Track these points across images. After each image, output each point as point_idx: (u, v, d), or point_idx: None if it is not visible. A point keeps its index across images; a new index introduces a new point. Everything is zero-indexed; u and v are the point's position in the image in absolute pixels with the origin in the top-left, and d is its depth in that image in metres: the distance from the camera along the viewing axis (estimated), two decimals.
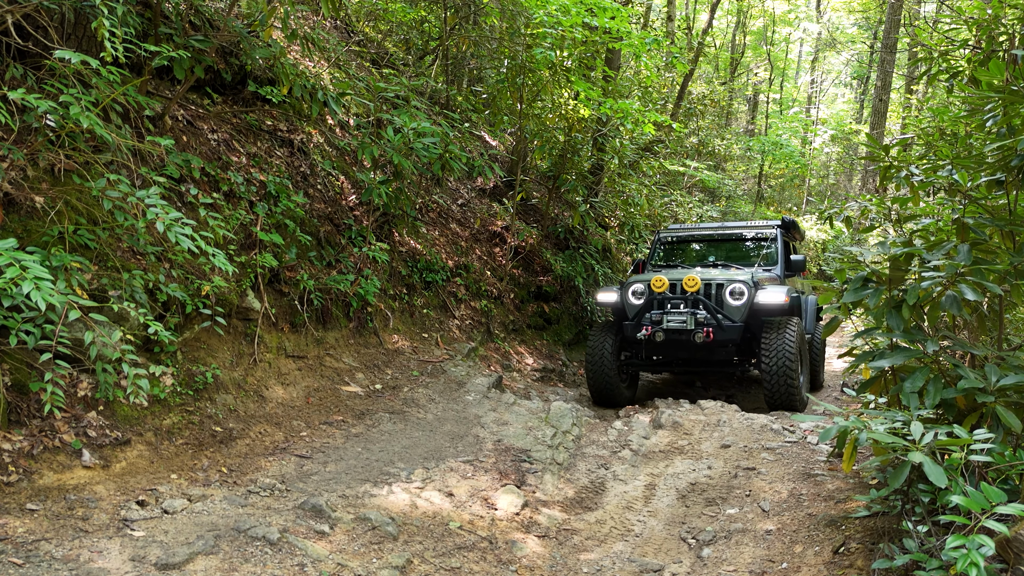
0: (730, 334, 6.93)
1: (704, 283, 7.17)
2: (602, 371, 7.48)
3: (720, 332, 6.91)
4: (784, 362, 6.67)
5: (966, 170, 3.69)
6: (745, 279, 7.11)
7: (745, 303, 7.02)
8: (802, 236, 9.70)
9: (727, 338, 6.94)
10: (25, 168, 4.02)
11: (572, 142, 9.91)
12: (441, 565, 3.44)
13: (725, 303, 7.06)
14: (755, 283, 7.14)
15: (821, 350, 9.05)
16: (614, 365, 7.50)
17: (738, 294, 7.05)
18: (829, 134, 24.59)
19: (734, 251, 8.59)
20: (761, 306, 7.03)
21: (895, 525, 3.33)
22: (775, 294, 7.04)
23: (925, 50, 6.99)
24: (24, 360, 3.70)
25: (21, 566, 2.80)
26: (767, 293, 7.07)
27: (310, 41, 5.98)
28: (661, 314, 7.05)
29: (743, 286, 7.06)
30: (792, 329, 6.87)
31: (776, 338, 6.83)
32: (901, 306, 3.45)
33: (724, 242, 8.77)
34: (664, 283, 7.12)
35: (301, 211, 6.06)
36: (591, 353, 7.54)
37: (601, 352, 7.46)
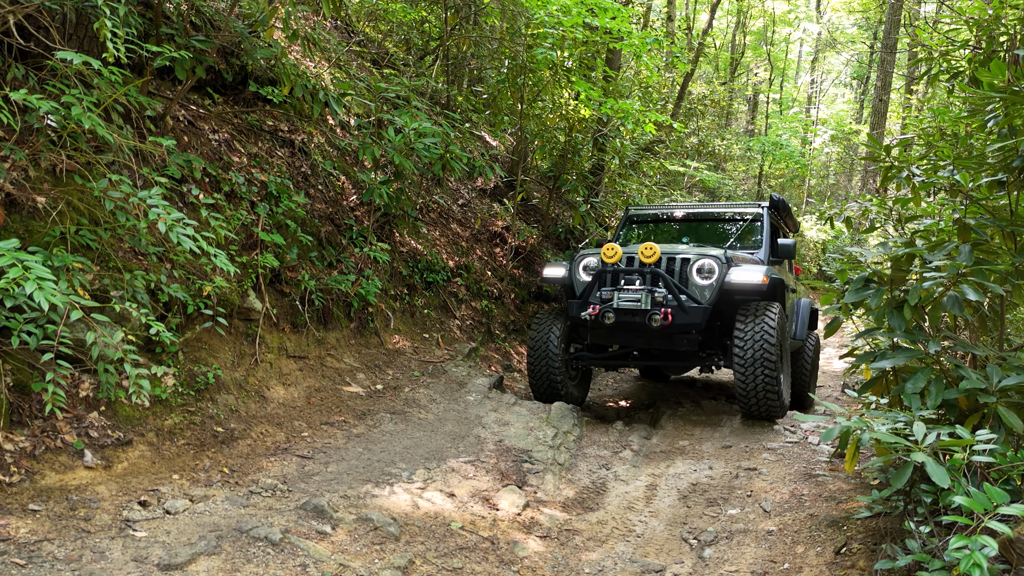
0: (693, 317, 5.78)
1: (666, 257, 6.05)
2: (545, 365, 6.43)
3: (681, 315, 5.75)
4: (761, 354, 5.55)
5: (967, 170, 3.69)
6: (716, 254, 5.99)
7: (714, 282, 5.89)
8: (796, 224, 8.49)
9: (690, 322, 5.79)
10: (27, 168, 4.02)
11: (573, 142, 9.91)
12: (443, 566, 3.44)
13: (691, 281, 5.96)
14: (728, 260, 6.00)
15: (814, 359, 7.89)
16: (560, 358, 6.47)
17: (707, 271, 5.93)
18: (829, 134, 24.60)
19: (714, 232, 7.42)
20: (734, 286, 5.89)
21: (897, 526, 3.33)
22: (751, 273, 5.90)
23: (925, 50, 6.99)
24: (26, 360, 3.70)
25: (23, 567, 2.80)
26: (741, 272, 5.93)
27: (311, 41, 5.98)
28: (612, 291, 5.93)
29: (713, 262, 5.93)
30: (771, 315, 5.75)
31: (752, 326, 5.72)
32: (902, 306, 3.45)
33: (703, 222, 7.60)
34: (617, 252, 5.97)
35: (302, 211, 6.06)
36: (533, 343, 6.49)
37: (545, 342, 6.43)
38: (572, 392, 6.72)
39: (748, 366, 5.59)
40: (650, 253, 5.89)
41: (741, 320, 5.81)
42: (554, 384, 6.47)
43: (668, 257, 6.04)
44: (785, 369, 6.09)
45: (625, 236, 7.73)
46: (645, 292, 5.80)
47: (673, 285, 5.82)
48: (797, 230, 8.46)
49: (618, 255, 5.98)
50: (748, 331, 5.68)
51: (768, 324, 5.68)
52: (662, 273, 5.85)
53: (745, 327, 5.73)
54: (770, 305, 5.92)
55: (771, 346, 5.55)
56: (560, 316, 6.61)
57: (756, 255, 6.77)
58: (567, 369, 6.68)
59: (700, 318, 5.80)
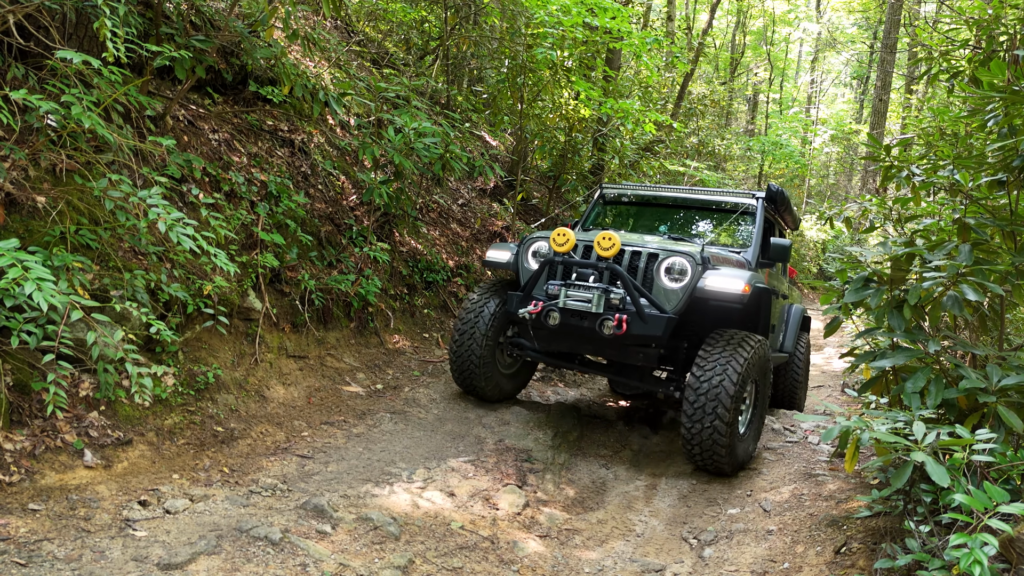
0: (653, 328, 4.71)
1: (630, 250, 5.04)
2: (470, 349, 5.46)
3: (638, 323, 4.71)
4: (714, 407, 4.51)
5: (967, 170, 3.70)
6: (690, 252, 4.94)
7: (685, 287, 4.83)
8: (796, 220, 7.40)
9: (648, 334, 4.73)
10: (27, 168, 4.02)
11: (573, 142, 9.91)
12: (443, 565, 3.44)
13: (656, 283, 4.92)
14: (703, 260, 4.91)
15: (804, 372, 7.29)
16: (488, 343, 5.47)
17: (677, 272, 4.89)
18: (829, 134, 24.61)
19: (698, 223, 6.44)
20: (707, 294, 4.76)
21: (897, 525, 3.33)
22: (729, 279, 4.75)
23: (925, 50, 7.00)
24: (26, 360, 3.70)
25: (24, 566, 2.80)
26: (718, 277, 4.79)
27: (311, 41, 5.98)
28: (561, 286, 4.93)
29: (685, 262, 4.88)
30: (744, 353, 4.67)
31: (716, 365, 4.62)
32: (902, 306, 3.46)
33: (687, 210, 6.52)
34: (569, 239, 4.94)
35: (302, 211, 6.06)
36: (460, 322, 5.54)
37: (474, 322, 5.48)
38: (500, 384, 5.76)
39: (697, 412, 4.56)
40: (608, 245, 4.82)
41: (706, 351, 4.75)
42: (475, 372, 5.53)
43: (632, 251, 5.03)
44: (753, 410, 5.07)
45: (595, 219, 6.68)
46: (599, 292, 4.79)
47: (632, 286, 4.79)
48: (797, 227, 7.58)
49: (570, 242, 4.94)
50: (709, 370, 4.61)
51: (735, 366, 4.57)
52: (620, 271, 4.81)
53: (707, 363, 4.65)
54: (749, 339, 4.83)
55: (729, 397, 4.49)
56: (497, 293, 5.68)
57: (743, 255, 5.72)
58: (498, 356, 5.73)
59: (661, 330, 4.74)
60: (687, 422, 4.59)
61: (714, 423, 4.49)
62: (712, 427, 4.50)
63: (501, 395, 5.86)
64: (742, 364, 4.60)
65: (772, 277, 6.29)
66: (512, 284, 5.86)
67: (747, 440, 4.91)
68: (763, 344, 4.92)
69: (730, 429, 4.53)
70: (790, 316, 6.98)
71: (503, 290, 5.73)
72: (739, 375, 4.55)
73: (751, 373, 4.72)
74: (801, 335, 7.31)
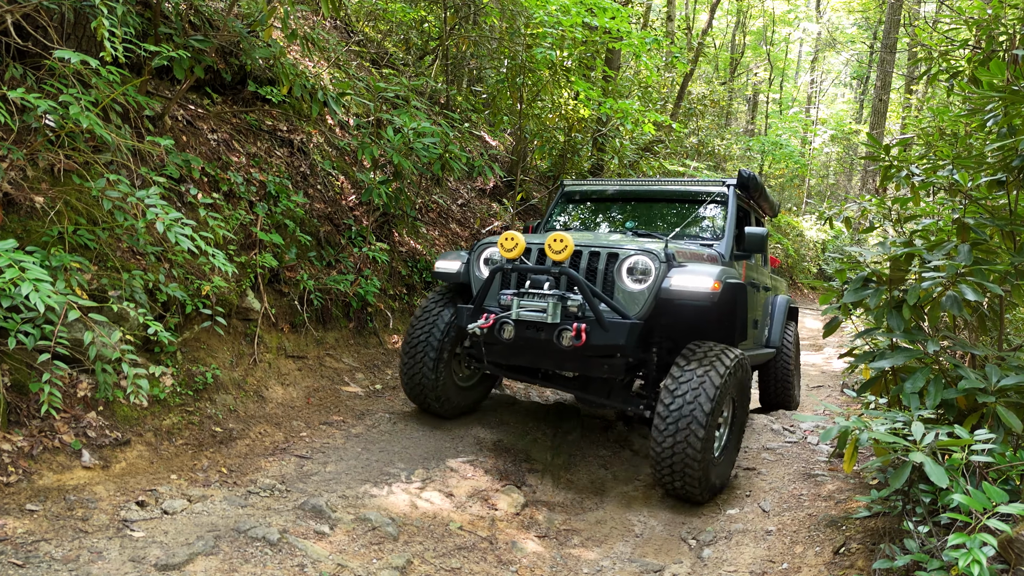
0: (616, 336, 4.28)
1: (588, 251, 4.58)
2: (421, 364, 5.06)
3: (599, 332, 4.28)
4: (686, 433, 4.11)
5: (966, 170, 3.69)
6: (653, 249, 4.49)
7: (648, 288, 4.39)
8: (773, 206, 6.92)
9: (611, 343, 4.29)
10: (25, 168, 4.02)
11: (572, 142, 9.91)
12: (441, 565, 3.44)
13: (618, 286, 4.47)
14: (667, 257, 4.47)
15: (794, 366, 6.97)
16: (444, 356, 5.07)
17: (640, 273, 4.45)
18: (829, 134, 24.62)
19: (668, 216, 5.89)
20: (673, 294, 4.35)
21: (896, 525, 3.32)
22: (696, 277, 4.35)
23: (925, 50, 6.99)
24: (24, 360, 3.69)
25: (21, 567, 2.80)
26: (684, 275, 4.38)
27: (310, 41, 5.98)
28: (513, 296, 4.50)
29: (648, 260, 4.44)
30: (723, 366, 4.30)
31: (688, 383, 4.22)
32: (901, 306, 3.45)
33: (654, 203, 6.04)
34: (518, 243, 4.47)
35: (301, 211, 6.05)
36: (410, 334, 5.13)
37: (426, 334, 5.07)
38: (456, 399, 5.33)
39: (668, 433, 4.16)
40: (560, 247, 4.36)
41: (679, 367, 4.34)
42: (425, 388, 5.11)
43: (590, 251, 4.58)
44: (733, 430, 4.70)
45: (557, 218, 6.33)
46: (554, 300, 4.34)
47: (589, 291, 4.32)
48: (776, 214, 7.14)
49: (520, 247, 4.48)
50: (683, 388, 4.21)
51: (710, 384, 4.18)
52: (573, 275, 4.35)
53: (680, 380, 4.25)
54: (726, 354, 4.42)
55: (704, 416, 4.10)
56: (451, 303, 5.29)
57: (715, 248, 5.34)
58: (455, 367, 5.31)
59: (624, 337, 4.27)
60: (656, 444, 4.19)
61: (686, 446, 4.10)
62: (684, 450, 4.11)
63: (459, 410, 5.42)
64: (719, 382, 4.20)
65: (750, 269, 5.95)
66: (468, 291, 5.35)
67: (722, 464, 4.53)
68: (742, 359, 4.51)
69: (704, 453, 4.13)
70: (775, 308, 6.66)
71: (459, 297, 5.35)
72: (715, 393, 4.15)
73: (728, 391, 4.35)
74: (788, 326, 7.00)
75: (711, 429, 4.16)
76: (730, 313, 4.92)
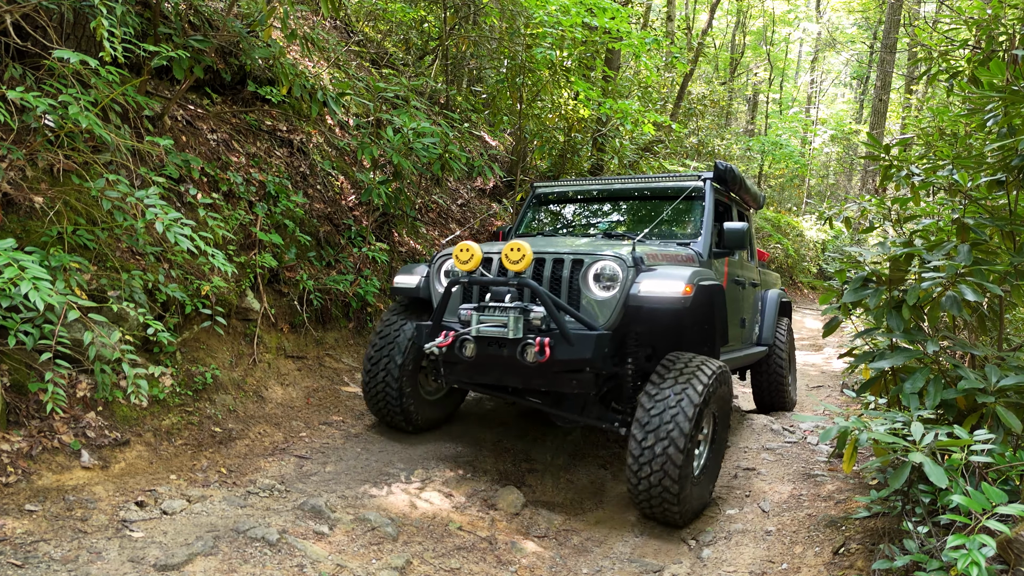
0: (582, 350, 3.97)
1: (551, 258, 4.28)
2: (385, 381, 4.83)
3: (564, 347, 3.97)
4: (664, 455, 3.82)
5: (966, 170, 3.69)
6: (619, 253, 4.19)
7: (616, 295, 4.11)
8: (757, 198, 6.54)
9: (577, 357, 3.98)
10: (24, 168, 4.02)
11: (572, 142, 9.91)
12: (441, 566, 3.44)
13: (584, 295, 4.18)
14: (636, 261, 4.19)
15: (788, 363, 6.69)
16: (408, 371, 4.83)
17: (608, 279, 4.17)
18: (829, 134, 24.62)
19: (642, 216, 5.60)
20: (642, 301, 4.04)
21: (895, 526, 3.32)
22: (666, 282, 4.05)
23: (925, 50, 6.99)
24: (23, 360, 3.69)
25: (20, 567, 2.80)
26: (653, 280, 4.08)
27: (310, 41, 5.98)
28: (473, 310, 4.18)
29: (614, 265, 4.15)
30: (703, 380, 4.02)
31: (665, 400, 3.94)
32: (901, 306, 3.45)
33: (628, 201, 5.79)
34: (473, 254, 4.16)
35: (300, 211, 6.05)
36: (372, 348, 4.91)
37: (388, 348, 4.84)
38: (424, 414, 5.05)
39: (645, 454, 3.88)
40: (517, 257, 4.03)
41: (656, 382, 4.07)
42: (390, 405, 4.87)
43: (554, 258, 4.28)
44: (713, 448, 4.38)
45: (530, 222, 6.01)
46: (515, 313, 4.02)
47: (550, 302, 3.98)
48: (760, 205, 6.78)
49: (476, 258, 4.17)
50: (660, 405, 3.93)
51: (690, 400, 3.90)
52: (533, 285, 4.01)
53: (657, 396, 3.98)
54: (706, 366, 4.13)
55: (683, 437, 3.81)
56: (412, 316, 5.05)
57: (693, 246, 5.07)
58: (421, 380, 5.04)
59: (591, 351, 3.96)
60: (633, 463, 3.92)
61: (663, 471, 3.82)
62: (661, 474, 3.83)
63: (427, 425, 5.14)
64: (697, 399, 3.91)
65: (734, 266, 5.70)
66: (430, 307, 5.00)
67: (702, 484, 4.23)
68: (723, 372, 4.25)
69: (682, 476, 3.84)
70: (765, 304, 6.42)
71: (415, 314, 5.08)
72: (694, 412, 3.86)
73: (709, 406, 4.08)
74: (781, 322, 6.76)
75: (690, 451, 3.88)
76: (708, 317, 4.65)
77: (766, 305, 6.50)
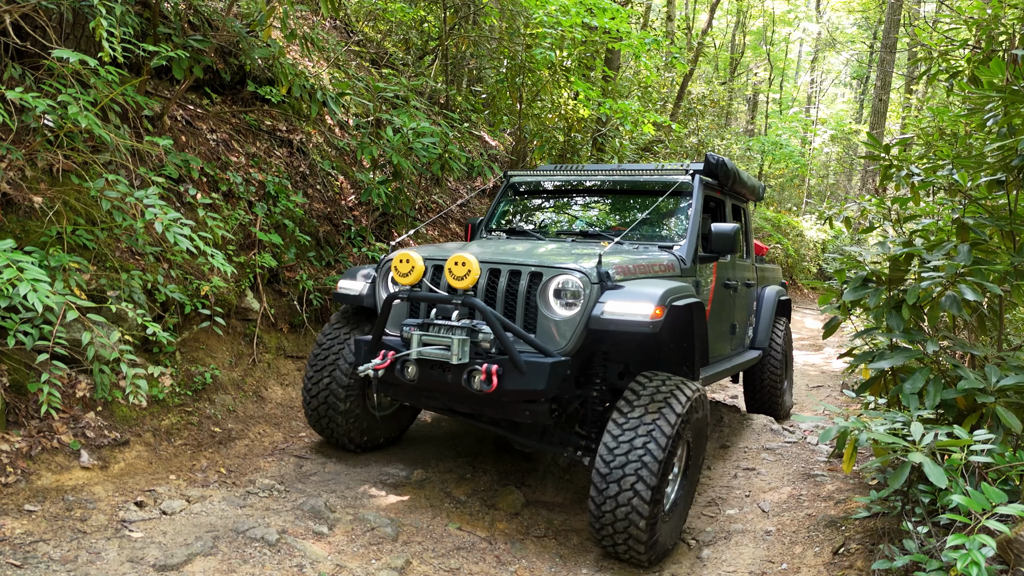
0: (534, 380, 3.46)
1: (507, 270, 3.77)
2: (326, 397, 4.37)
3: (514, 376, 3.46)
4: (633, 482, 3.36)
5: (966, 170, 3.69)
6: (581, 268, 3.65)
7: (577, 316, 3.60)
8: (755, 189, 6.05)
9: (529, 388, 3.48)
10: (23, 168, 4.02)
11: (572, 142, 9.91)
12: (440, 566, 3.43)
13: (542, 313, 3.65)
14: (601, 277, 3.64)
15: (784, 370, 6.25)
16: (353, 386, 4.35)
17: (570, 296, 3.65)
18: (829, 134, 24.62)
19: (625, 211, 5.08)
20: (604, 323, 3.52)
21: (895, 526, 3.32)
22: (632, 303, 3.52)
23: (925, 50, 6.98)
24: (22, 361, 3.69)
25: (19, 567, 2.80)
26: (618, 300, 3.55)
27: (309, 41, 5.97)
28: (416, 328, 3.62)
29: (576, 280, 3.63)
30: (678, 406, 3.54)
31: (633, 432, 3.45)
32: (901, 306, 3.45)
33: (611, 195, 5.23)
34: (414, 267, 3.65)
35: (300, 211, 6.05)
36: (313, 361, 4.44)
37: (332, 361, 4.38)
38: (372, 430, 4.61)
39: (611, 489, 3.40)
40: (462, 272, 3.52)
41: (622, 412, 3.56)
42: (333, 422, 4.41)
43: (510, 270, 3.75)
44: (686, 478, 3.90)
45: (502, 216, 5.43)
46: (461, 335, 3.51)
47: (499, 325, 3.48)
48: (760, 197, 6.26)
49: (416, 271, 3.65)
50: (626, 437, 3.44)
51: (662, 431, 3.43)
52: (479, 305, 3.50)
53: (624, 428, 3.48)
54: (682, 389, 3.65)
55: (655, 468, 3.35)
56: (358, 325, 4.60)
57: (676, 251, 4.55)
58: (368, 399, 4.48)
59: (544, 382, 3.45)
60: (596, 496, 3.44)
61: (630, 508, 3.35)
62: (628, 512, 3.36)
63: (376, 442, 4.69)
64: (670, 431, 3.43)
65: (725, 268, 5.23)
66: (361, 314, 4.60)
67: (673, 520, 3.75)
68: (700, 397, 3.77)
69: (651, 516, 3.37)
70: (762, 303, 5.94)
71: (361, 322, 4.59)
72: (666, 444, 3.40)
73: (683, 434, 3.60)
74: (778, 323, 6.26)
75: (661, 487, 3.41)
76: (687, 333, 4.12)
77: (762, 304, 6.09)
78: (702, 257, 4.76)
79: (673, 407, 3.53)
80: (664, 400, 3.56)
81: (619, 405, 3.62)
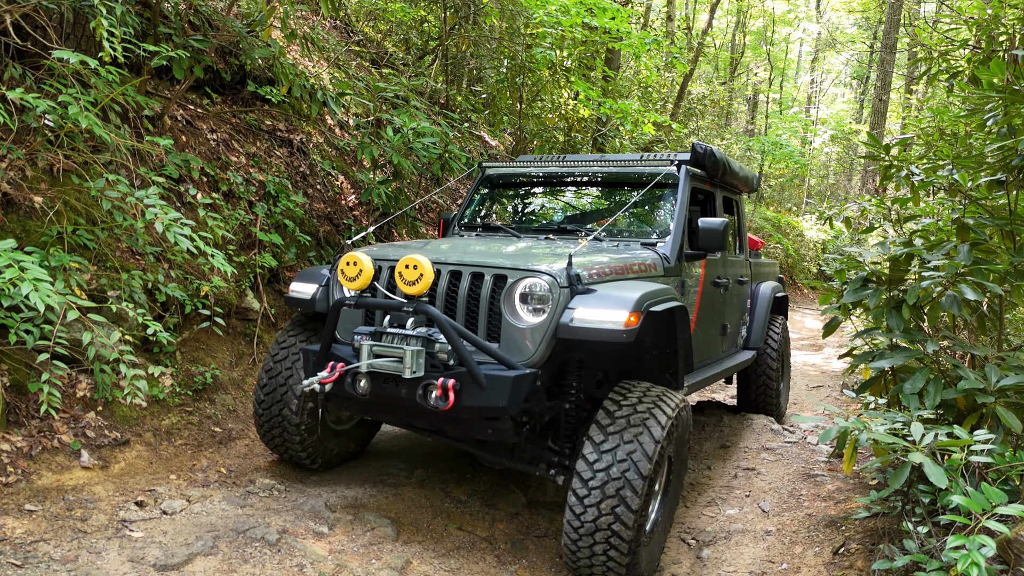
0: (495, 396, 3.11)
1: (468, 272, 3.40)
2: (280, 411, 3.98)
3: (474, 391, 3.12)
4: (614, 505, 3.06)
5: (966, 170, 3.69)
6: (550, 271, 3.29)
7: (544, 323, 3.23)
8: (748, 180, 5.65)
9: (489, 404, 3.14)
10: (24, 168, 4.02)
11: (572, 142, 9.91)
12: (440, 566, 3.44)
13: (507, 320, 3.28)
14: (571, 280, 3.27)
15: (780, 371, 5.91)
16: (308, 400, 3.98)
17: (537, 301, 3.29)
18: (829, 134, 24.62)
19: (606, 204, 4.77)
20: (573, 333, 3.18)
21: (895, 526, 3.32)
22: (604, 310, 3.18)
23: (925, 50, 6.99)
24: (23, 360, 3.69)
25: (20, 567, 2.80)
26: (589, 306, 3.20)
27: (309, 41, 5.98)
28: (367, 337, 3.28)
29: (544, 284, 3.27)
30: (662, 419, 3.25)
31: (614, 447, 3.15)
32: (901, 306, 3.45)
33: (589, 187, 4.94)
34: (362, 270, 3.28)
35: (300, 211, 6.05)
36: (266, 373, 4.05)
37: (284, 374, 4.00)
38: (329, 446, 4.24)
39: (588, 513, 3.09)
40: (413, 277, 3.16)
41: (600, 428, 3.24)
42: (286, 438, 4.03)
43: (472, 272, 3.39)
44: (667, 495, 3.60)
45: (477, 208, 5.06)
46: (415, 345, 3.19)
47: (454, 334, 3.12)
48: (754, 188, 5.87)
49: (365, 275, 3.29)
50: (605, 459, 3.14)
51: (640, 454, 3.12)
52: (432, 313, 3.14)
53: (602, 448, 3.17)
54: (665, 401, 3.36)
55: (639, 488, 3.06)
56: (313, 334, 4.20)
57: (659, 248, 4.21)
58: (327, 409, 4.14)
59: (506, 398, 3.11)
60: (572, 520, 3.12)
61: (609, 534, 3.06)
62: (607, 537, 3.07)
63: (337, 459, 4.36)
64: (652, 448, 3.14)
65: (715, 265, 4.89)
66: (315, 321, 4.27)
67: (653, 543, 3.45)
68: (684, 410, 3.48)
69: (635, 533, 3.08)
70: (756, 301, 5.65)
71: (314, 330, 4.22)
72: (651, 461, 3.10)
73: (667, 450, 3.29)
74: (774, 320, 5.94)
75: (642, 509, 3.11)
76: (669, 339, 3.84)
77: (757, 302, 5.74)
78: (688, 255, 4.41)
79: (654, 426, 3.21)
80: (645, 418, 3.24)
81: (597, 419, 3.29)
